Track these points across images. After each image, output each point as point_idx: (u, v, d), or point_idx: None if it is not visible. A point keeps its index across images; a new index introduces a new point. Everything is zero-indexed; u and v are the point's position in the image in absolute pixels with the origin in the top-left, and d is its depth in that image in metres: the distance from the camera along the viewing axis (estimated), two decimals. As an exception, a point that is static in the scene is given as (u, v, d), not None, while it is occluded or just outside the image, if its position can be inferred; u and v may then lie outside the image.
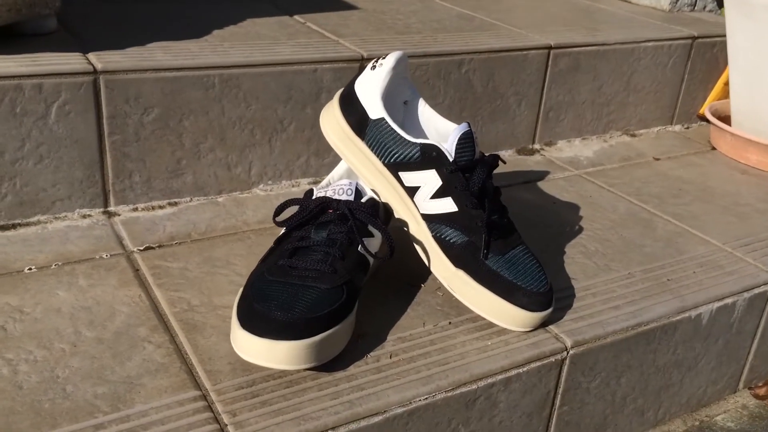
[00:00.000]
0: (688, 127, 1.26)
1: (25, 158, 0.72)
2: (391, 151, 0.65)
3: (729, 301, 0.75)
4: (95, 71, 0.72)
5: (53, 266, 0.68)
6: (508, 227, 0.66)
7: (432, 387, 0.57)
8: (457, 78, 0.96)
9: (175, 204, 0.82)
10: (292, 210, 0.66)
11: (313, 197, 0.64)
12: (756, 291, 0.77)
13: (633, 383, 0.72)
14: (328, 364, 0.57)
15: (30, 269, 0.67)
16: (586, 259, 0.78)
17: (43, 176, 0.73)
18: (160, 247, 0.73)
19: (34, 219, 0.75)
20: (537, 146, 1.09)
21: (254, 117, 0.83)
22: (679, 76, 1.20)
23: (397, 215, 0.67)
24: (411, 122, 0.72)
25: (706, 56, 1.22)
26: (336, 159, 0.90)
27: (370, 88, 0.66)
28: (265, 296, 0.56)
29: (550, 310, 0.64)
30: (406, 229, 0.67)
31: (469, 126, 0.63)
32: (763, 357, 0.84)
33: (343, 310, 0.57)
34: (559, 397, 0.66)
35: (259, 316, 0.54)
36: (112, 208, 0.78)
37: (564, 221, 0.87)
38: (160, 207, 0.81)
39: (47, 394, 0.52)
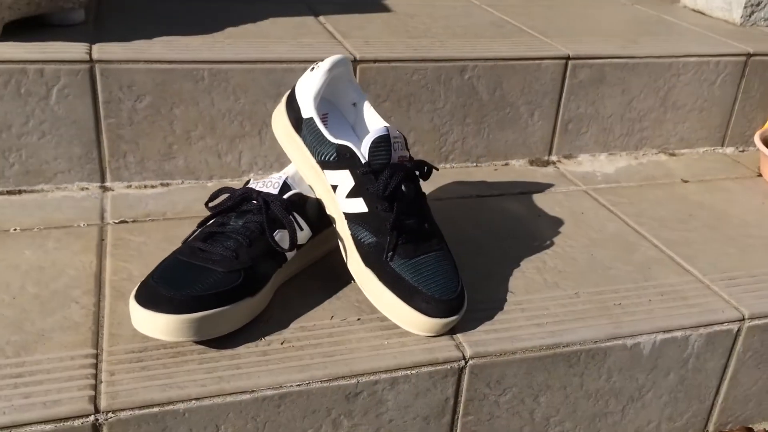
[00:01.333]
0: (743, 150, 1.18)
1: (29, 133, 0.82)
2: (317, 150, 0.68)
3: (678, 334, 0.71)
4: (91, 60, 0.81)
5: (35, 229, 0.77)
6: (426, 233, 0.67)
7: (306, 375, 0.60)
8: (459, 84, 0.97)
9: (167, 185, 0.89)
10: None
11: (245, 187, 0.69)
12: (717, 328, 0.72)
13: (556, 405, 0.70)
14: (221, 340, 0.62)
15: (15, 230, 0.77)
16: (537, 275, 0.77)
17: (45, 150, 0.83)
18: (134, 222, 0.81)
19: (38, 187, 0.85)
20: (554, 158, 1.07)
21: (243, 110, 0.88)
22: (731, 94, 1.12)
23: (327, 212, 0.70)
24: (360, 124, 0.75)
25: (766, 75, 1.13)
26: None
27: (306, 89, 0.69)
28: (164, 273, 0.61)
29: (453, 318, 0.64)
30: (334, 225, 0.70)
31: (387, 130, 0.65)
32: (737, 401, 0.78)
33: (234, 294, 0.61)
34: (461, 405, 0.66)
35: (147, 289, 0.59)
36: (108, 184, 0.87)
37: (538, 235, 0.85)
38: (152, 186, 0.88)
39: (-30, 335, 0.61)
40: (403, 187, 0.66)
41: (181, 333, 0.59)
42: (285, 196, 0.67)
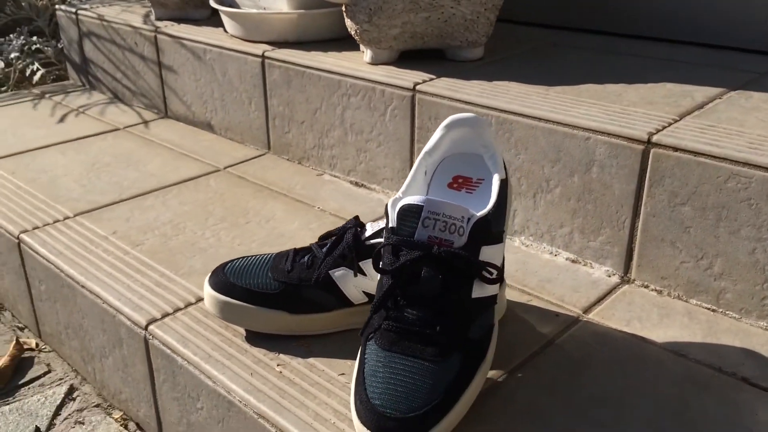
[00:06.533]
0: None
1: (372, 140, 0.99)
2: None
3: None
4: (414, 90, 0.91)
5: (326, 212, 0.95)
6: (427, 336, 0.54)
7: (248, 398, 0.61)
8: (806, 213, 0.63)
9: (453, 219, 0.92)
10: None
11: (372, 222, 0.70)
12: None
13: None
14: (258, 337, 0.68)
15: (319, 208, 0.96)
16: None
17: (379, 158, 0.98)
18: (383, 234, 0.89)
19: (372, 186, 1.01)
20: None
21: (522, 166, 0.82)
22: None
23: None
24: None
25: None
26: (601, 244, 0.78)
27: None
28: (243, 260, 0.70)
29: (380, 438, 0.52)
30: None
31: (424, 203, 0.55)
32: None
33: (265, 299, 0.66)
34: None
35: (220, 265, 0.70)
36: (413, 201, 0.96)
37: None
38: (440, 215, 0.93)
39: (191, 254, 0.85)
40: (423, 273, 0.55)
41: (211, 306, 0.68)
42: (370, 242, 0.66)
